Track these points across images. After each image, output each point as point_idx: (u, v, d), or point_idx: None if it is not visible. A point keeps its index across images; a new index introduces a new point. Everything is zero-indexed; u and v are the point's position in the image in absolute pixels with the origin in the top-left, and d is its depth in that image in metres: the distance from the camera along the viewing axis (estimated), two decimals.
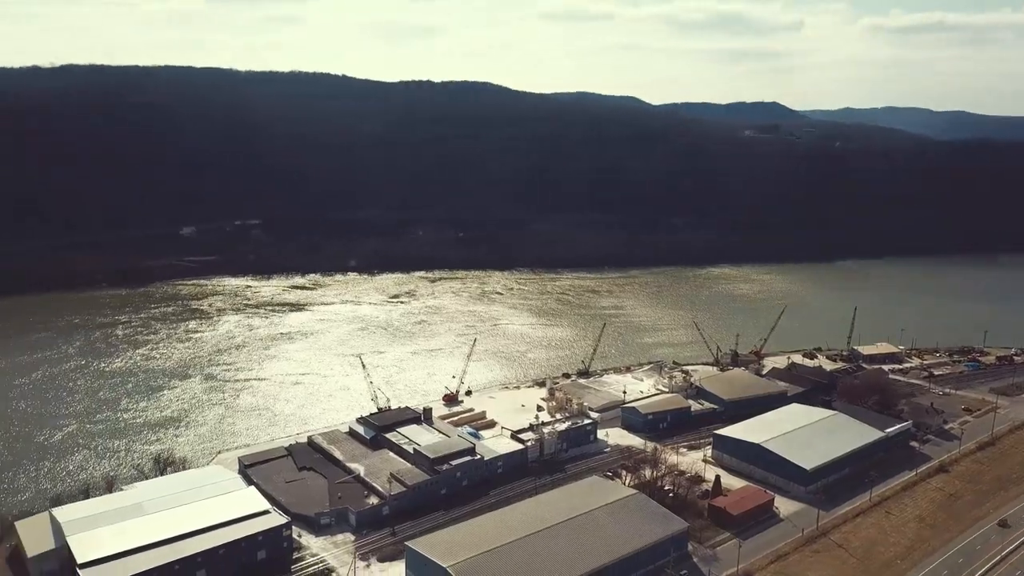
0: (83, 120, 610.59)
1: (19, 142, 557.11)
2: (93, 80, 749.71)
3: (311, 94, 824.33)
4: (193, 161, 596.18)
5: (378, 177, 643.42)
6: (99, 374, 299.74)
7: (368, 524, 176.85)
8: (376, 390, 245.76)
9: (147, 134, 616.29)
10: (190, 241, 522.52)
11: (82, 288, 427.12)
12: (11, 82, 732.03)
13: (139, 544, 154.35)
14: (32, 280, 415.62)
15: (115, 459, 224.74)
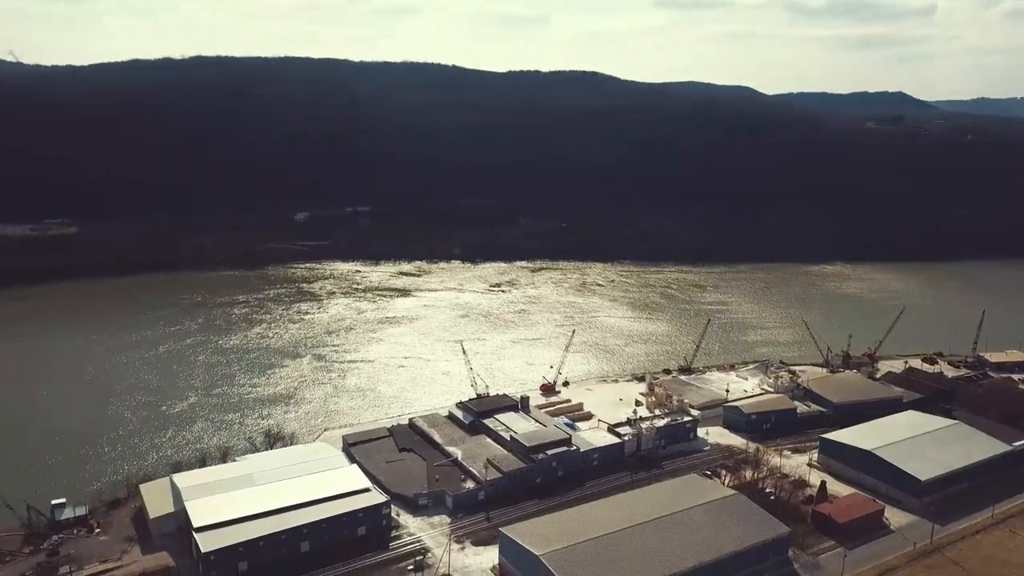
0: (212, 109, 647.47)
1: (157, 129, 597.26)
2: (220, 71, 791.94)
3: (421, 84, 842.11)
4: (309, 149, 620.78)
5: (484, 166, 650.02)
6: (218, 350, 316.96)
7: (464, 508, 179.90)
8: (475, 376, 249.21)
9: (268, 122, 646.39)
10: (304, 226, 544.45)
11: (205, 268, 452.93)
12: (148, 73, 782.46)
13: (249, 513, 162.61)
14: (161, 259, 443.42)
15: (230, 431, 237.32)
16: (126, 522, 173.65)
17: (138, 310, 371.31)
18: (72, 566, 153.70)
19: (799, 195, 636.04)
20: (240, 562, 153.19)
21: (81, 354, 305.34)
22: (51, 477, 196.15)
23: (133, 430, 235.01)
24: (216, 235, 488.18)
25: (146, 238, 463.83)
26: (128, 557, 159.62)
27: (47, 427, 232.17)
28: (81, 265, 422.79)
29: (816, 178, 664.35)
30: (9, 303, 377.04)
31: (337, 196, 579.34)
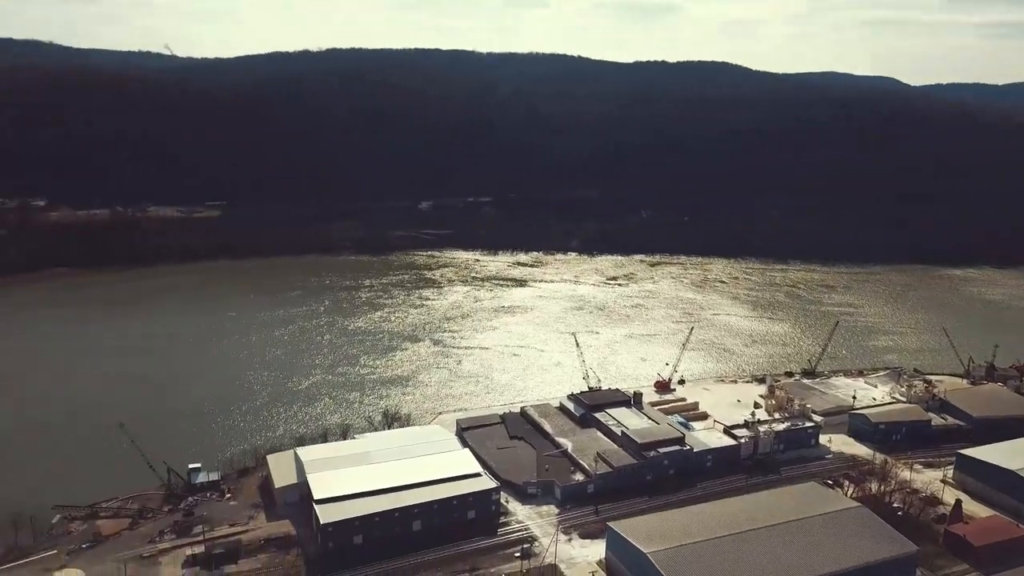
0: (345, 100, 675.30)
1: (294, 119, 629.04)
2: (353, 63, 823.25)
3: (547, 75, 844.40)
4: (433, 139, 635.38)
5: (605, 157, 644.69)
6: (342, 331, 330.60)
7: (572, 499, 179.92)
8: (588, 369, 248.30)
9: (396, 113, 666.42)
10: (427, 215, 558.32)
11: (333, 253, 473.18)
12: (288, 65, 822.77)
13: (366, 489, 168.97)
14: (293, 243, 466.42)
15: (350, 409, 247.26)
16: (253, 490, 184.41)
17: (270, 290, 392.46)
18: (205, 526, 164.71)
19: (940, 193, 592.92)
20: (355, 536, 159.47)
21: (217, 329, 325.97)
22: (189, 443, 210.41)
23: (262, 403, 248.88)
24: (344, 222, 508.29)
25: (281, 223, 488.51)
26: (254, 522, 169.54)
27: (187, 396, 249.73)
28: (221, 246, 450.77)
29: (961, 175, 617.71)
30: (157, 278, 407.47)
31: (460, 186, 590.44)
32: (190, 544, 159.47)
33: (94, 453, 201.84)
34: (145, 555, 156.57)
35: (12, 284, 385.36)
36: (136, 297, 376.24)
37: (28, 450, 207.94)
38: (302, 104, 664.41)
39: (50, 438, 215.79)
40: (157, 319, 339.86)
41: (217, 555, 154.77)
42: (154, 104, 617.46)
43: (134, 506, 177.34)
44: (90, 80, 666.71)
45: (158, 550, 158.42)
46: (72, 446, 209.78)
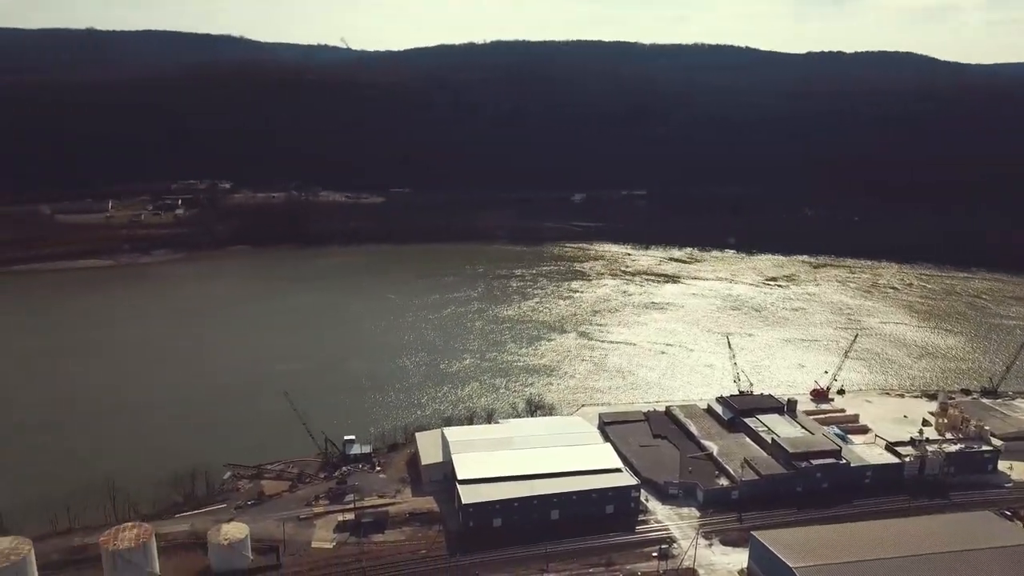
0: (507, 90, 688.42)
1: (455, 109, 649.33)
2: (517, 55, 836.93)
3: (713, 66, 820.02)
4: (589, 131, 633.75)
5: (769, 152, 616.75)
6: (493, 318, 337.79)
7: (715, 504, 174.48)
8: (740, 372, 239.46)
9: (557, 105, 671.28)
10: (579, 207, 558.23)
11: (487, 241, 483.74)
12: (454, 57, 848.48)
13: (507, 473, 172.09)
14: (450, 231, 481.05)
15: (496, 395, 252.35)
16: (401, 465, 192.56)
17: (427, 275, 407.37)
18: (356, 496, 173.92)
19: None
20: (495, 518, 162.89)
21: (377, 310, 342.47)
22: (345, 416, 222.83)
23: (415, 383, 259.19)
24: (499, 211, 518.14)
25: (440, 211, 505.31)
26: (401, 496, 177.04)
27: (346, 371, 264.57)
28: (384, 231, 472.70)
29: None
30: (325, 258, 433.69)
31: (615, 179, 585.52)
32: (342, 511, 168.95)
33: (262, 418, 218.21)
34: (302, 517, 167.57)
35: (200, 259, 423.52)
36: (306, 276, 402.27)
37: (208, 412, 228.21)
38: (465, 95, 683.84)
39: (227, 402, 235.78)
40: (324, 297, 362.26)
41: (366, 523, 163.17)
42: (327, 95, 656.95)
43: (294, 471, 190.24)
44: (274, 72, 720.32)
45: (313, 513, 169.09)
46: (244, 411, 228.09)
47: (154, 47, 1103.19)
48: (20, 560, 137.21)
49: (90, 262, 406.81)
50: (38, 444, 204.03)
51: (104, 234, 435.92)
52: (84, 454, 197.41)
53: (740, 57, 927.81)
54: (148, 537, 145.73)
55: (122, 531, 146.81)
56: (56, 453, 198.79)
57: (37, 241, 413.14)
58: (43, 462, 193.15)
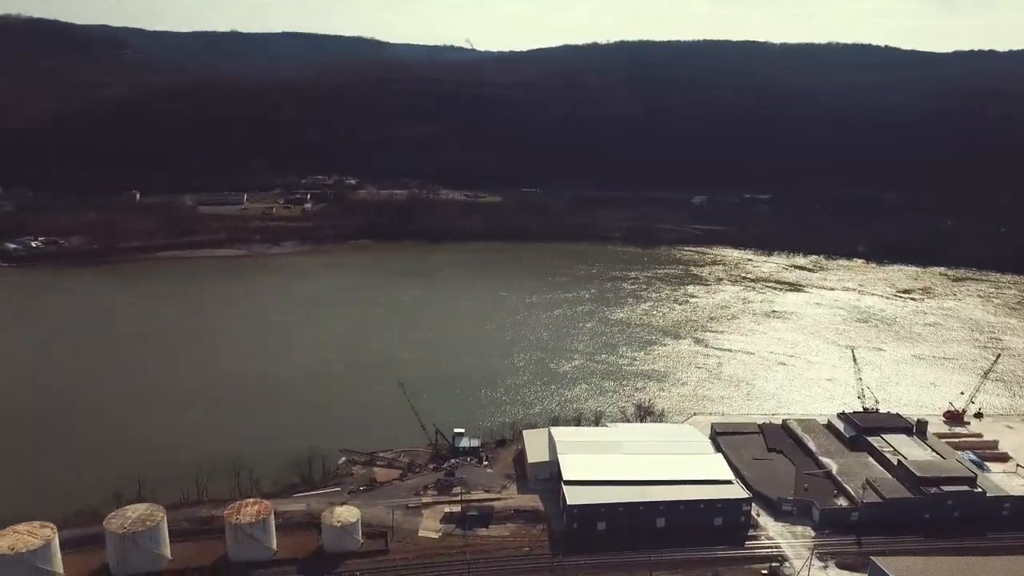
0: (629, 90, 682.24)
1: (576, 108, 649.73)
2: (642, 55, 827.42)
3: (848, 66, 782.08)
4: (712, 132, 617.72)
5: (906, 156, 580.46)
6: (605, 320, 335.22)
7: (831, 525, 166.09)
8: (865, 388, 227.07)
9: (675, 104, 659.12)
10: (699, 209, 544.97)
11: (601, 242, 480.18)
12: (575, 56, 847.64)
13: (613, 477, 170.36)
14: (565, 230, 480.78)
15: (605, 397, 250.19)
16: (508, 461, 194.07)
17: (540, 274, 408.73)
18: (463, 488, 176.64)
19: None
20: (599, 521, 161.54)
21: (490, 307, 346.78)
22: (455, 409, 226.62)
23: (524, 380, 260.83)
24: (616, 211, 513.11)
25: (556, 210, 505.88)
26: (506, 492, 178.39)
27: (458, 365, 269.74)
28: (499, 229, 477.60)
29: None
30: (443, 254, 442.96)
31: (737, 181, 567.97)
32: (449, 502, 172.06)
33: (377, 406, 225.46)
34: (410, 506, 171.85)
35: (324, 251, 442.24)
36: (423, 271, 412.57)
37: (326, 397, 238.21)
38: (587, 95, 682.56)
39: (344, 388, 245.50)
40: (439, 292, 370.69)
41: (471, 516, 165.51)
42: (450, 95, 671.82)
43: (405, 460, 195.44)
44: (399, 73, 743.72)
45: (421, 503, 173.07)
46: (360, 398, 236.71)
47: (291, 48, 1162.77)
48: (155, 526, 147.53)
49: (226, 251, 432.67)
50: (174, 418, 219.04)
51: (239, 225, 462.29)
52: (213, 430, 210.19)
53: (878, 56, 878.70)
54: (268, 513, 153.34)
55: (245, 506, 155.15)
56: (189, 427, 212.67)
57: (181, 231, 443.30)
58: (178, 435, 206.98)
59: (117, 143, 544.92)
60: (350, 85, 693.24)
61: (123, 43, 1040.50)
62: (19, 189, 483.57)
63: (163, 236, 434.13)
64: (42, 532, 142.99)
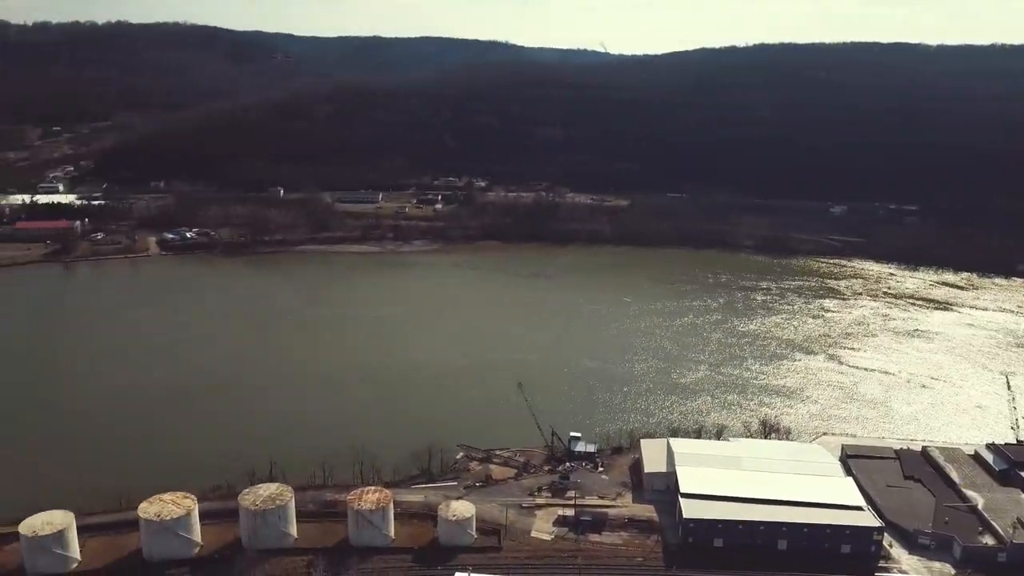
0: (769, 93, 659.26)
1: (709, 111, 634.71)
2: (782, 58, 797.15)
3: (1015, 70, 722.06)
4: (854, 139, 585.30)
5: None
6: (732, 331, 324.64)
7: (975, 563, 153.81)
8: (1020, 418, 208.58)
9: (816, 108, 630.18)
10: (838, 220, 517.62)
11: (732, 249, 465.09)
12: (714, 59, 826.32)
13: (733, 494, 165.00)
14: (693, 236, 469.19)
15: (728, 411, 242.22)
16: (624, 469, 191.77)
17: (666, 281, 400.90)
18: (577, 493, 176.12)
19: None
20: (716, 537, 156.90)
21: (613, 312, 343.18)
22: (572, 412, 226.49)
23: (644, 389, 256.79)
24: (748, 218, 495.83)
25: (684, 215, 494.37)
26: (620, 500, 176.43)
27: (577, 369, 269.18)
28: (625, 234, 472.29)
29: None
30: (566, 257, 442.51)
31: (880, 191, 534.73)
32: (562, 506, 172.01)
33: (494, 404, 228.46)
34: (524, 506, 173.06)
35: (452, 251, 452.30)
36: (546, 273, 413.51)
37: (447, 392, 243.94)
38: (723, 98, 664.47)
39: (463, 384, 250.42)
40: (561, 294, 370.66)
41: (584, 522, 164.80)
42: (580, 99, 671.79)
43: (521, 459, 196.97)
44: (531, 76, 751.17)
45: (535, 504, 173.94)
46: (478, 394, 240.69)
47: (429, 51, 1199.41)
48: (284, 505, 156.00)
49: (360, 247, 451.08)
50: (307, 403, 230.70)
51: (373, 223, 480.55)
52: (341, 417, 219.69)
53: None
54: (387, 502, 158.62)
55: (366, 493, 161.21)
56: (319, 413, 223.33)
57: (321, 226, 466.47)
58: (309, 420, 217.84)
59: (266, 142, 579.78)
60: (483, 88, 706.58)
61: (275, 48, 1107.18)
62: (178, 183, 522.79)
63: (304, 231, 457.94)
64: (184, 503, 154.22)
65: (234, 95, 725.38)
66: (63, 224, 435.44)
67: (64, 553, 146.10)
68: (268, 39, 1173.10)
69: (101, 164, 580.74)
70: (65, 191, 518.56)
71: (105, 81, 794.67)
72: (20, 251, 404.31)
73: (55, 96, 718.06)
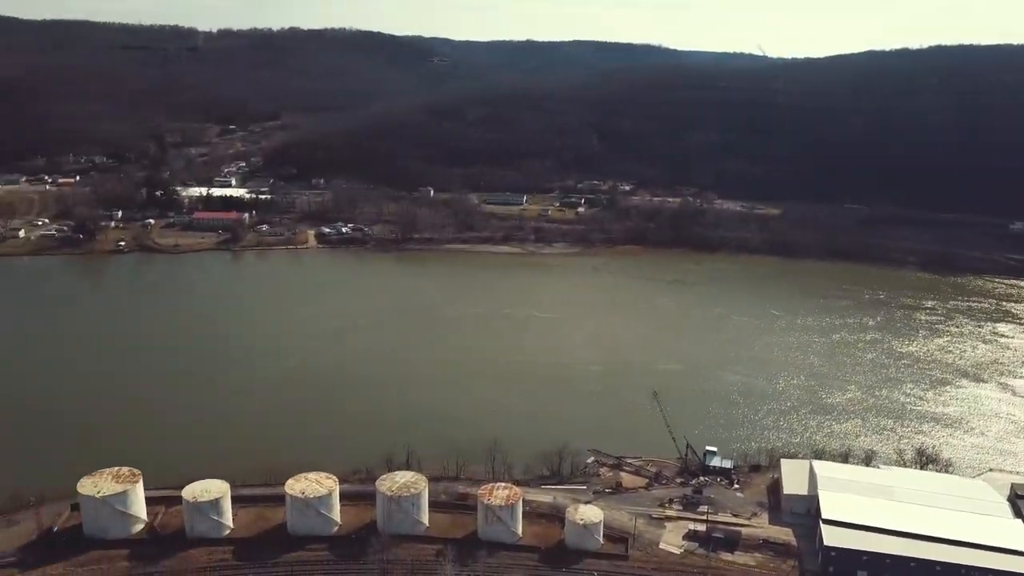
0: (946, 100, 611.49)
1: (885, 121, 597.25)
2: (959, 60, 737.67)
3: None
4: None
5: None
6: (890, 352, 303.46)
7: None
8: None
9: (997, 116, 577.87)
10: (1017, 237, 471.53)
11: (893, 265, 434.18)
12: (881, 62, 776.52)
13: (881, 525, 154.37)
14: (850, 250, 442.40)
15: (879, 436, 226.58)
16: (761, 488, 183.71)
17: (817, 295, 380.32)
18: (710, 508, 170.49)
19: None
20: (859, 569, 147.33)
21: (759, 324, 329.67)
22: (708, 425, 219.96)
23: (787, 406, 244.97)
24: (913, 232, 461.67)
25: (840, 227, 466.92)
26: (756, 520, 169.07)
27: (717, 380, 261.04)
28: (775, 244, 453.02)
29: None
30: (712, 264, 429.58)
31: None
32: (693, 520, 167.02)
33: (628, 410, 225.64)
34: (653, 516, 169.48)
35: (593, 255, 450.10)
36: (687, 280, 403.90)
37: (580, 395, 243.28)
38: (891, 103, 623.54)
39: (598, 389, 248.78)
40: (702, 304, 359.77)
41: (716, 539, 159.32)
42: (734, 103, 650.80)
43: (652, 469, 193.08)
44: (684, 80, 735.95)
45: (665, 515, 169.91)
46: (612, 400, 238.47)
47: (581, 56, 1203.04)
48: (418, 493, 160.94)
49: (503, 247, 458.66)
50: (445, 395, 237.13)
51: (517, 224, 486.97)
52: (477, 412, 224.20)
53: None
54: (517, 499, 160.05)
55: (496, 489, 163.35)
56: (456, 406, 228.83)
57: (467, 226, 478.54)
58: (447, 411, 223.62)
59: (419, 143, 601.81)
60: (634, 91, 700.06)
61: (431, 52, 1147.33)
62: (336, 180, 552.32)
63: (450, 230, 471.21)
64: (326, 483, 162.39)
65: (391, 97, 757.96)
66: (234, 216, 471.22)
67: (219, 520, 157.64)
68: (425, 43, 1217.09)
69: (269, 161, 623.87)
70: (237, 185, 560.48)
71: (277, 83, 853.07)
72: (196, 239, 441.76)
73: (233, 98, 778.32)
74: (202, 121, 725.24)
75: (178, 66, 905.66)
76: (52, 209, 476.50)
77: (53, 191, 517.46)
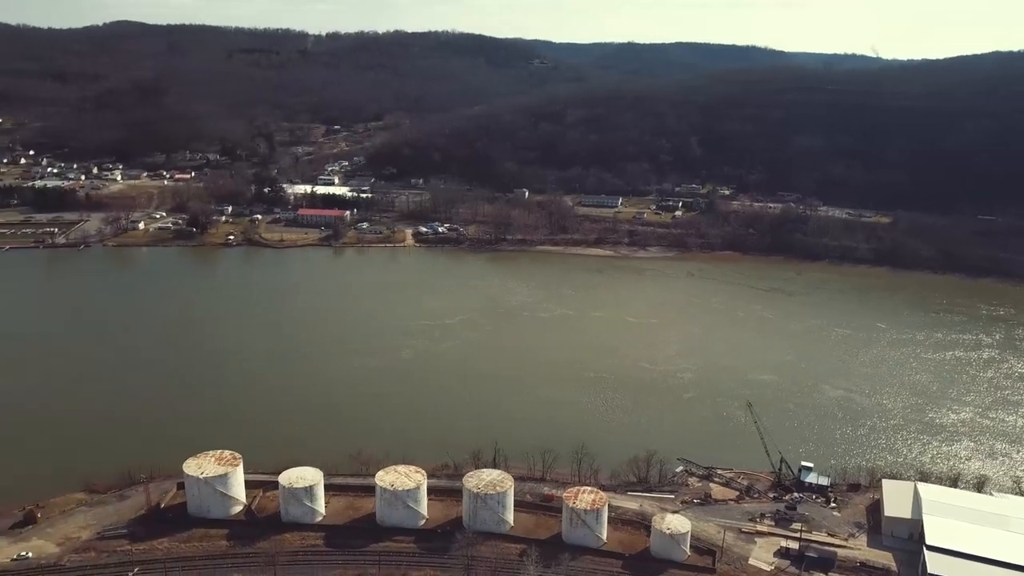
0: None
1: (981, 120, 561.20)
2: None
3: None
4: None
5: None
6: (1009, 373, 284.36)
7: None
8: None
9: None
10: None
11: (1015, 279, 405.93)
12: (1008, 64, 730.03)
13: (992, 556, 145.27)
14: (963, 261, 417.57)
15: (995, 461, 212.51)
16: (860, 508, 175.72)
17: (928, 309, 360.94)
18: (804, 526, 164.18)
19: None
20: None
21: (865, 337, 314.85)
22: (804, 440, 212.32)
23: (892, 425, 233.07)
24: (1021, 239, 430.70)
25: (955, 236, 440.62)
26: (853, 541, 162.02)
27: (817, 395, 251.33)
28: (883, 253, 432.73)
29: None
30: (814, 273, 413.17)
31: None
32: (786, 537, 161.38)
33: (720, 421, 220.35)
34: (744, 530, 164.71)
35: (688, 259, 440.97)
36: (787, 289, 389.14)
37: (671, 403, 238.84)
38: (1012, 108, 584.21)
39: (691, 397, 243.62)
40: (808, 313, 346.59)
41: (809, 558, 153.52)
42: (843, 106, 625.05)
43: (744, 482, 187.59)
44: (791, 82, 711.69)
45: (756, 530, 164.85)
46: (704, 409, 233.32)
47: (684, 57, 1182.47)
48: (503, 492, 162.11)
49: (596, 250, 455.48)
50: (534, 395, 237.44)
51: (611, 227, 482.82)
52: (565, 414, 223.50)
53: None
54: (602, 504, 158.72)
55: (582, 492, 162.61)
56: (546, 406, 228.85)
57: (560, 228, 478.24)
58: (537, 412, 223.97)
59: (517, 144, 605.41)
60: (737, 93, 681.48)
61: (533, 54, 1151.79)
62: (434, 181, 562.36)
63: (543, 232, 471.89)
64: (415, 477, 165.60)
65: (492, 99, 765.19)
66: (336, 213, 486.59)
67: (312, 506, 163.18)
68: (527, 45, 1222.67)
69: (371, 160, 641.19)
70: (339, 183, 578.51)
71: (381, 84, 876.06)
72: (300, 234, 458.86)
73: (339, 99, 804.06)
74: (309, 121, 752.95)
75: (289, 68, 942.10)
76: (168, 203, 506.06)
77: (170, 186, 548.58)
